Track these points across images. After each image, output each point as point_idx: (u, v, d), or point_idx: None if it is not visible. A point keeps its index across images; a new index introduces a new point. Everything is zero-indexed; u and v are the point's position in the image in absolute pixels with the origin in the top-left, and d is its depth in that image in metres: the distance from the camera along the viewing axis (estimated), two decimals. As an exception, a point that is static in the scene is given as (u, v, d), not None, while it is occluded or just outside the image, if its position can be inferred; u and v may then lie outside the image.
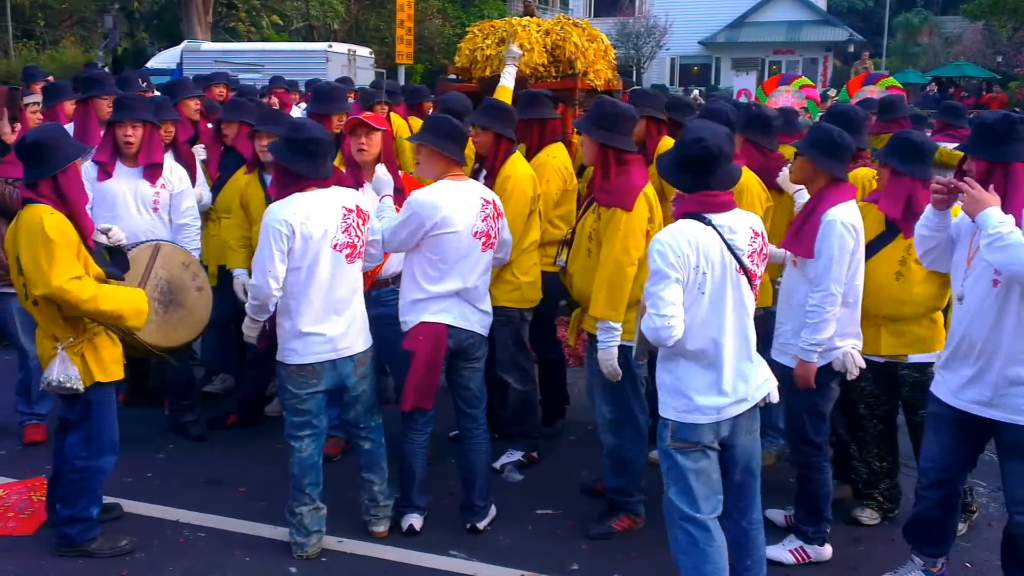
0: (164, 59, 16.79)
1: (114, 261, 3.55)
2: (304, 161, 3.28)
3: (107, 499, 3.72)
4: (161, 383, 4.64)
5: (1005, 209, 2.82)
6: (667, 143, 4.17)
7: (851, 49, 27.91)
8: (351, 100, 6.75)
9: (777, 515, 3.80)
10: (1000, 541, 3.59)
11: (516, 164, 4.02)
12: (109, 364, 3.36)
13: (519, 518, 3.79)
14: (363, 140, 3.92)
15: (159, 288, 3.71)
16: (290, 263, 3.27)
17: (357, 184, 3.90)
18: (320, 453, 3.51)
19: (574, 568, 3.44)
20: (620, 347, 3.37)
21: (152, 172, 4.31)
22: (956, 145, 4.23)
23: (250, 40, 22.38)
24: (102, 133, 4.77)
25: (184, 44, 17.08)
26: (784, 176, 3.87)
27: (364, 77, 14.75)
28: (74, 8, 25.42)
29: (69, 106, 5.42)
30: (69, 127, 4.87)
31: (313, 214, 3.28)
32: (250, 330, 3.47)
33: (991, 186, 2.87)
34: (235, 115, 4.91)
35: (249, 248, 4.53)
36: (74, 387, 3.23)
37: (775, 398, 2.91)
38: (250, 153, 4.64)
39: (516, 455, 4.29)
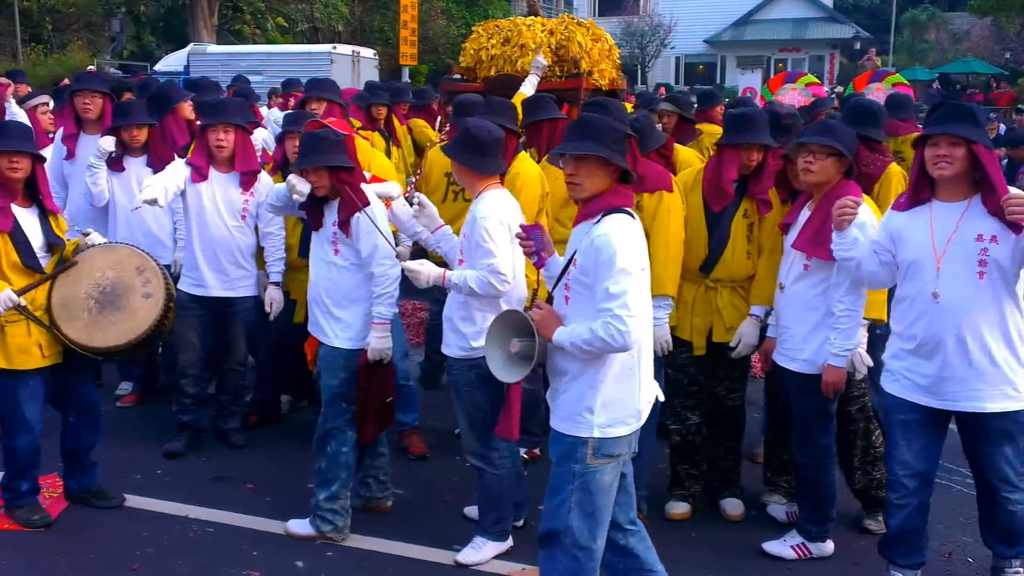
0: (171, 62, 16.90)
1: (61, 261, 3.67)
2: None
3: (112, 491, 3.87)
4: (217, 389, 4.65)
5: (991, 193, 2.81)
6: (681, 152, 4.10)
7: (857, 46, 27.86)
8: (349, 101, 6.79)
9: (779, 511, 3.80)
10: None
11: (524, 161, 4.07)
12: (14, 353, 3.50)
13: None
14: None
15: (100, 288, 3.67)
16: None
17: None
18: None
19: (578, 562, 3.46)
20: None
21: (248, 179, 4.27)
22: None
23: (255, 43, 22.47)
24: (79, 132, 4.85)
25: (190, 47, 17.18)
26: None
27: (368, 79, 14.78)
28: (81, 12, 25.55)
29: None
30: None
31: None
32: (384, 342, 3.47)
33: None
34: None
35: None
36: None
37: (661, 397, 2.82)
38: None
39: (519, 452, 4.32)
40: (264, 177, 4.38)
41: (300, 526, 3.62)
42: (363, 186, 3.59)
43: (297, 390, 5.00)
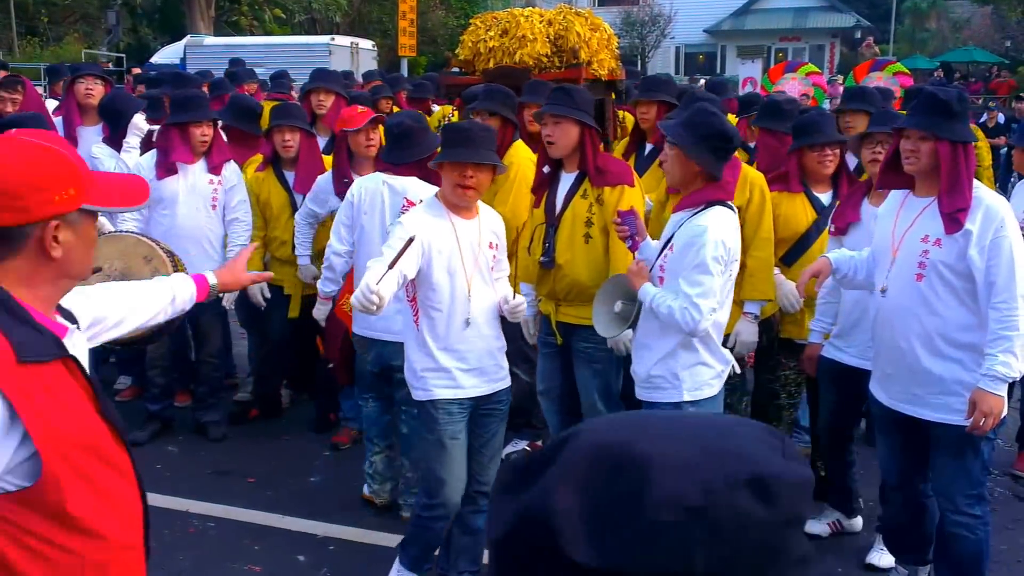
0: (167, 54, 16.83)
1: None
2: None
3: None
4: (193, 381, 4.66)
5: (953, 192, 2.65)
6: None
7: (858, 35, 27.73)
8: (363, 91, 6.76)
9: (821, 527, 3.60)
10: (1000, 528, 3.61)
11: (519, 149, 4.07)
12: None
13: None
14: (372, 136, 3.98)
15: (109, 279, 3.67)
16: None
17: (348, 178, 4.03)
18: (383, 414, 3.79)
19: (579, 555, 3.46)
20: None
21: (216, 168, 4.32)
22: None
23: (252, 34, 22.38)
24: (78, 120, 4.82)
25: (187, 39, 17.09)
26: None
27: (367, 71, 14.72)
28: (77, 4, 25.46)
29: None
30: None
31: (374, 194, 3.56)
32: (319, 312, 3.91)
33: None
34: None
35: (261, 250, 4.51)
36: None
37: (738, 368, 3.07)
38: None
39: (521, 444, 4.33)
40: (231, 164, 4.41)
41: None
42: None
43: (297, 383, 5.00)
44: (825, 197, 3.62)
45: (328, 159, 4.59)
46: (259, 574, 3.33)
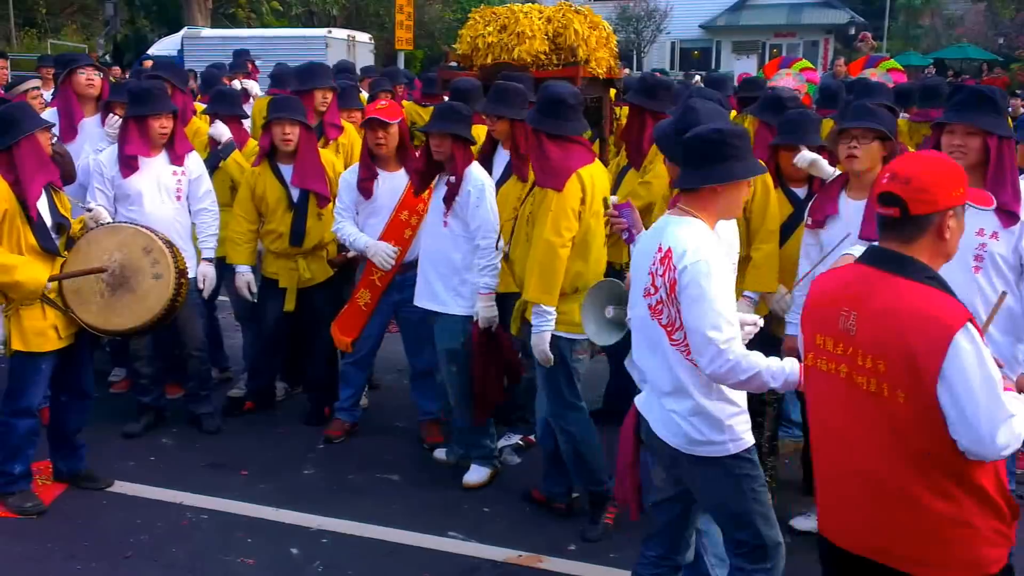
0: (165, 46, 16.76)
1: (68, 241, 3.70)
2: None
3: (100, 474, 3.93)
4: (182, 374, 4.64)
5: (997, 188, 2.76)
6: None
7: (852, 31, 27.71)
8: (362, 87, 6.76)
9: (812, 524, 3.47)
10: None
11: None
12: (31, 335, 3.54)
13: (517, 500, 3.84)
14: (380, 135, 4.11)
15: (110, 271, 3.66)
16: None
17: (373, 174, 4.16)
18: None
19: (571, 548, 3.49)
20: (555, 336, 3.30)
21: (179, 159, 4.31)
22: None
23: (250, 27, 22.29)
24: (80, 113, 4.76)
25: (184, 31, 17.02)
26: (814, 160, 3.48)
27: (364, 63, 14.68)
28: (74, -5, 25.35)
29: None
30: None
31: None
32: (490, 311, 3.72)
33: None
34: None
35: (254, 243, 4.54)
36: None
37: None
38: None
39: (514, 438, 4.35)
40: (194, 155, 4.42)
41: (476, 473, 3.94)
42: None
43: (293, 377, 5.01)
44: (801, 192, 3.62)
45: (323, 152, 4.61)
46: (252, 567, 3.35)
